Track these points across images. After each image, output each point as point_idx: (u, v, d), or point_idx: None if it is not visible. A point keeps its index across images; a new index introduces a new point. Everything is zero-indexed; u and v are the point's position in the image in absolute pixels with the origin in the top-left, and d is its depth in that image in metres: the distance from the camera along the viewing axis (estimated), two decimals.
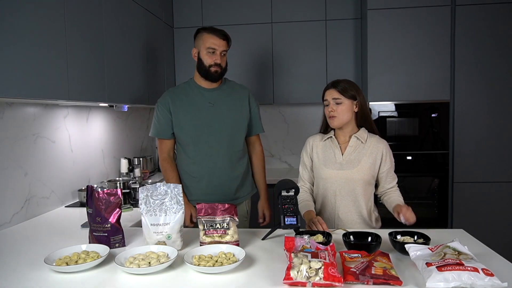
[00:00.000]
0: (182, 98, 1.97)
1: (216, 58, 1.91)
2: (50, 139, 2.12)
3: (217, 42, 1.91)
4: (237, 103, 2.01)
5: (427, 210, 2.92)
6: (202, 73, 1.95)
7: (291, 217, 1.44)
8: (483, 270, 1.03)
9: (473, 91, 2.82)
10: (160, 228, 1.39)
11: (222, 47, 1.93)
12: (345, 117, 1.76)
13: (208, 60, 1.92)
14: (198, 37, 1.95)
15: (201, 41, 1.92)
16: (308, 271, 1.06)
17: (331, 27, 3.18)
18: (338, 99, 1.75)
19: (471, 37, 2.79)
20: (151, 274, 1.19)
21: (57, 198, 2.17)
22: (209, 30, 1.93)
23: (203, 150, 1.94)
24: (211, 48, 1.90)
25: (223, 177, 1.96)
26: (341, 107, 1.75)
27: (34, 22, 1.57)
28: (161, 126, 1.98)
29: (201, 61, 1.93)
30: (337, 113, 1.75)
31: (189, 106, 1.95)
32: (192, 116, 1.94)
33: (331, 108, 1.76)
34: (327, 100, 1.78)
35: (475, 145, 2.84)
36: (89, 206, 1.47)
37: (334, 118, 1.76)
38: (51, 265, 1.22)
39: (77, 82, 1.85)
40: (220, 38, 1.92)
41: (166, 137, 2.00)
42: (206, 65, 1.92)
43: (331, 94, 1.77)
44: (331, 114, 1.76)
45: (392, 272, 1.09)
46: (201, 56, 1.93)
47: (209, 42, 1.90)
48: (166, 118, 1.96)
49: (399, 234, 1.41)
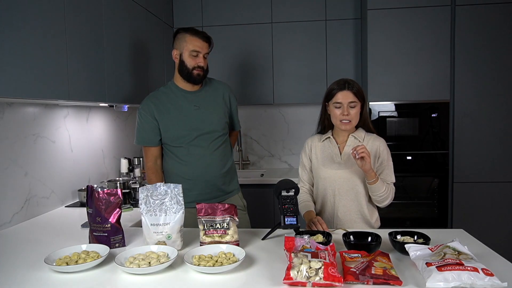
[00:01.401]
0: (165, 103, 1.93)
1: (199, 60, 1.89)
2: (50, 139, 2.13)
3: (200, 45, 1.88)
4: (220, 102, 2.02)
5: (427, 210, 2.91)
6: (184, 76, 1.92)
7: (291, 217, 1.45)
8: (483, 270, 1.03)
9: (473, 91, 2.82)
10: (160, 228, 1.39)
11: (205, 50, 1.90)
12: (357, 121, 1.72)
13: (192, 63, 1.89)
14: (179, 38, 1.90)
15: (183, 43, 1.88)
16: (308, 271, 1.06)
17: (331, 27, 3.18)
18: (353, 102, 1.68)
19: (471, 37, 2.79)
20: (151, 274, 1.19)
21: (57, 198, 2.17)
22: (191, 31, 1.89)
23: (195, 152, 1.93)
24: (194, 51, 1.87)
25: (217, 175, 1.97)
26: (354, 111, 1.69)
27: (34, 22, 1.57)
28: (147, 134, 1.94)
29: (183, 63, 1.90)
30: (351, 117, 1.69)
31: (175, 111, 1.92)
32: (179, 121, 1.91)
33: (346, 111, 1.68)
34: (341, 103, 1.69)
35: (475, 145, 2.84)
36: (89, 206, 1.47)
37: (348, 123, 1.70)
38: (51, 265, 1.22)
39: (77, 82, 1.85)
40: (203, 40, 1.89)
41: (153, 145, 1.96)
42: (189, 68, 1.89)
43: (347, 97, 1.68)
44: (345, 118, 1.69)
45: (392, 272, 1.09)
46: (184, 58, 1.89)
47: (192, 44, 1.87)
48: (151, 125, 1.92)
49: (399, 234, 1.41)
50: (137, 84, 2.54)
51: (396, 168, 1.81)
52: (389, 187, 1.72)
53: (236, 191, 2.10)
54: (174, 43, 1.93)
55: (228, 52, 3.26)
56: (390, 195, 1.71)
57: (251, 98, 3.29)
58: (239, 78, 3.28)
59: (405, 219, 2.88)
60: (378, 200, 1.70)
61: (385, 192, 1.68)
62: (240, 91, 3.27)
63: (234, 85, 3.24)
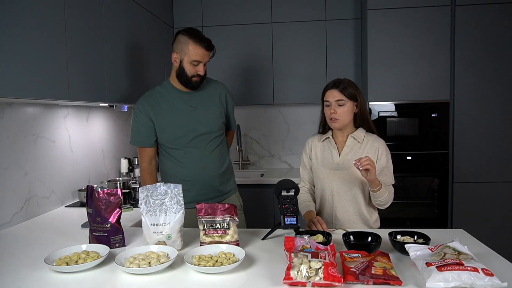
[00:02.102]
0: (161, 104, 1.90)
1: (199, 69, 1.86)
2: (50, 139, 2.13)
3: (202, 54, 1.84)
4: (217, 102, 1.99)
5: (427, 210, 2.92)
6: (182, 81, 1.89)
7: (291, 217, 1.45)
8: (483, 270, 1.03)
9: (473, 91, 2.82)
10: (160, 228, 1.39)
11: (206, 59, 1.87)
12: (347, 119, 1.74)
13: (192, 71, 1.86)
14: (182, 43, 1.84)
15: (185, 50, 1.83)
16: (308, 271, 1.06)
17: (331, 27, 3.18)
18: (340, 101, 1.71)
19: (471, 37, 2.79)
20: (151, 274, 1.19)
21: (57, 198, 2.17)
22: (194, 37, 1.83)
23: (192, 154, 1.92)
24: (196, 61, 1.84)
25: (214, 175, 1.96)
26: (342, 109, 1.71)
27: (34, 21, 1.57)
28: (142, 134, 1.91)
29: (183, 69, 1.86)
30: (339, 115, 1.72)
31: (171, 111, 1.90)
32: (175, 122, 1.89)
33: (333, 109, 1.72)
34: (329, 101, 1.74)
35: (475, 145, 2.84)
36: (89, 206, 1.47)
37: (335, 121, 1.73)
38: (51, 265, 1.22)
39: (77, 82, 1.85)
40: (206, 50, 1.84)
41: (148, 145, 1.94)
42: (188, 75, 1.87)
43: (333, 95, 1.72)
44: (332, 116, 1.72)
45: (392, 272, 1.10)
46: (184, 65, 1.85)
47: (195, 54, 1.83)
48: (146, 125, 1.90)
49: (399, 234, 1.41)
50: (137, 84, 2.54)
51: (396, 168, 1.81)
52: (390, 190, 1.72)
53: (234, 190, 2.10)
54: (175, 46, 1.88)
55: (228, 52, 3.26)
56: (391, 199, 1.71)
57: (251, 98, 3.29)
58: (239, 78, 3.28)
59: (405, 219, 2.88)
60: (380, 204, 1.71)
61: (387, 197, 1.68)
62: (240, 91, 3.27)
63: (234, 85, 3.25)
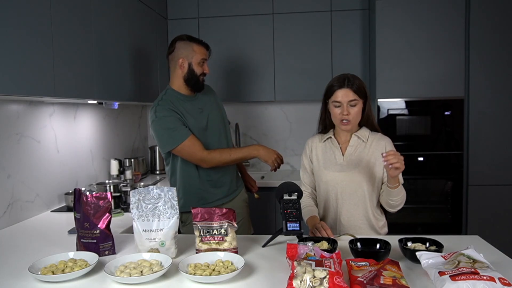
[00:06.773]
0: (179, 108, 2.03)
1: (205, 68, 2.10)
2: (35, 139, 2.13)
3: (205, 53, 2.11)
4: (216, 102, 2.23)
5: (440, 215, 2.92)
6: (191, 83, 2.07)
7: (293, 223, 1.44)
8: (500, 280, 1.03)
9: (490, 87, 2.82)
10: (153, 235, 1.39)
11: (207, 57, 2.14)
12: (358, 120, 1.72)
13: (200, 70, 2.08)
14: (185, 48, 2.05)
15: (191, 53, 2.05)
16: (312, 281, 1.06)
17: (337, 18, 3.18)
18: (354, 101, 1.67)
19: (487, 29, 2.79)
20: (144, 284, 1.19)
21: (42, 202, 2.17)
22: (194, 40, 2.08)
23: None
24: (203, 60, 2.08)
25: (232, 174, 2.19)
26: (355, 109, 1.69)
27: (18, 12, 1.57)
28: (183, 127, 1.98)
29: (193, 71, 2.06)
30: (352, 116, 1.69)
31: (187, 115, 2.04)
32: (192, 125, 2.04)
33: (346, 111, 1.68)
34: (340, 102, 1.69)
35: (491, 145, 2.85)
36: (76, 211, 1.47)
37: (348, 123, 1.70)
38: (35, 274, 1.22)
39: (63, 77, 1.85)
40: (206, 49, 2.11)
41: (193, 133, 2.02)
42: (197, 75, 2.08)
43: (347, 95, 1.67)
44: (345, 117, 1.69)
45: (402, 282, 1.10)
46: (193, 67, 2.06)
47: (201, 53, 2.08)
48: (181, 121, 2.00)
49: (409, 241, 1.41)
50: (128, 79, 2.55)
51: (406, 169, 1.79)
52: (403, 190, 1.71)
53: (242, 184, 2.33)
54: (178, 52, 2.05)
55: (226, 46, 3.26)
56: (404, 199, 1.70)
57: (250, 94, 3.30)
58: (238, 73, 3.28)
59: (416, 224, 2.88)
60: (394, 205, 1.69)
61: (402, 196, 1.67)
62: (239, 87, 3.28)
63: (232, 81, 3.25)
